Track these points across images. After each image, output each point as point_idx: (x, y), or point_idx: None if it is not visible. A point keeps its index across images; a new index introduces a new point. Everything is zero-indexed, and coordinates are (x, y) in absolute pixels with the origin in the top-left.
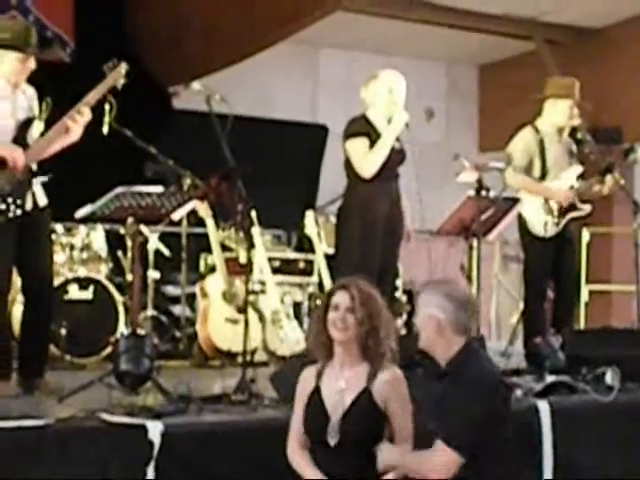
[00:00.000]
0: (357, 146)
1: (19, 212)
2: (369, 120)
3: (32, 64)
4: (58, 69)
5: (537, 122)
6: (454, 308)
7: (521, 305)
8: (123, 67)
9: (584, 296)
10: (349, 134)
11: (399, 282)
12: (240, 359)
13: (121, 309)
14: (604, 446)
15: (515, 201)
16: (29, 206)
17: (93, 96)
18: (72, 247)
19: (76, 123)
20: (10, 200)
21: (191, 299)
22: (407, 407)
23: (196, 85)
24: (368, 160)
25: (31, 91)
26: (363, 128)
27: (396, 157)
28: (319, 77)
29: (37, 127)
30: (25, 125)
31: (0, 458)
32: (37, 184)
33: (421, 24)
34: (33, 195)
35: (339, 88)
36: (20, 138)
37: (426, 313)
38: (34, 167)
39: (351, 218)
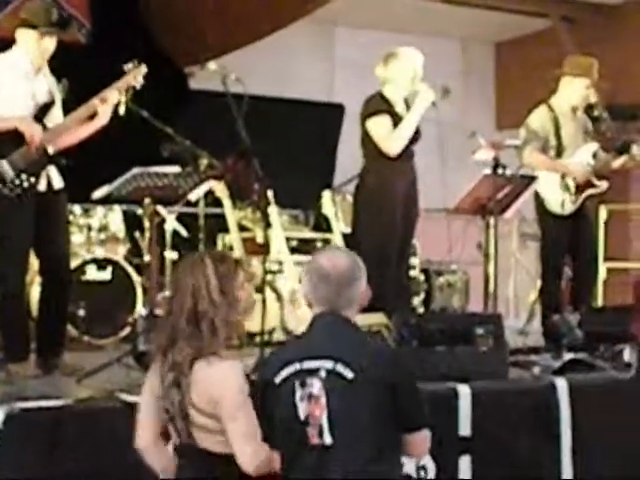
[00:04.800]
0: (380, 124)
1: (26, 185)
2: (386, 97)
3: (53, 44)
4: (74, 50)
5: (552, 100)
6: None
7: (539, 283)
8: (143, 69)
9: (602, 273)
10: (369, 113)
11: (416, 261)
12: (258, 339)
13: (139, 290)
14: (622, 423)
15: (532, 179)
16: (43, 187)
17: (109, 92)
18: (90, 228)
19: (102, 106)
20: (24, 177)
21: None
22: None
23: (212, 65)
24: (395, 138)
25: (50, 77)
26: (382, 106)
27: (413, 136)
28: (335, 56)
29: (57, 111)
30: (44, 108)
31: (18, 439)
32: (52, 167)
33: (437, 2)
34: (48, 177)
35: (355, 67)
36: (38, 121)
37: None
38: (50, 150)
39: (369, 197)
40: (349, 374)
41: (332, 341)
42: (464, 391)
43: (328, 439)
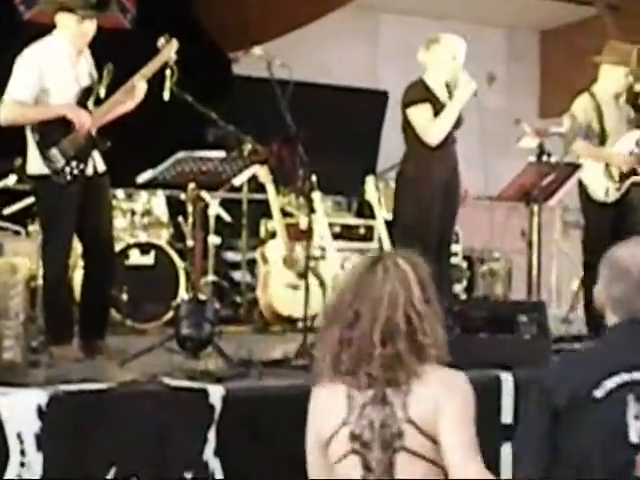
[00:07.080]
0: (421, 113)
1: (76, 172)
2: (427, 85)
3: (93, 27)
4: (119, 35)
5: (593, 88)
6: None
7: (581, 271)
8: (174, 44)
9: None
10: (410, 101)
11: (459, 248)
12: (301, 324)
13: (182, 274)
14: None
15: (576, 166)
16: (90, 171)
17: (147, 71)
18: (133, 212)
19: (133, 93)
20: (74, 164)
21: (251, 265)
22: None
23: (257, 50)
24: (435, 128)
25: (90, 59)
26: (423, 94)
27: (455, 123)
28: (379, 43)
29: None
30: (87, 92)
31: (61, 421)
32: (95, 150)
33: None
34: (93, 161)
35: (399, 54)
36: (82, 104)
37: None
38: (93, 133)
39: (409, 184)
40: None
41: None
42: (507, 379)
43: None
